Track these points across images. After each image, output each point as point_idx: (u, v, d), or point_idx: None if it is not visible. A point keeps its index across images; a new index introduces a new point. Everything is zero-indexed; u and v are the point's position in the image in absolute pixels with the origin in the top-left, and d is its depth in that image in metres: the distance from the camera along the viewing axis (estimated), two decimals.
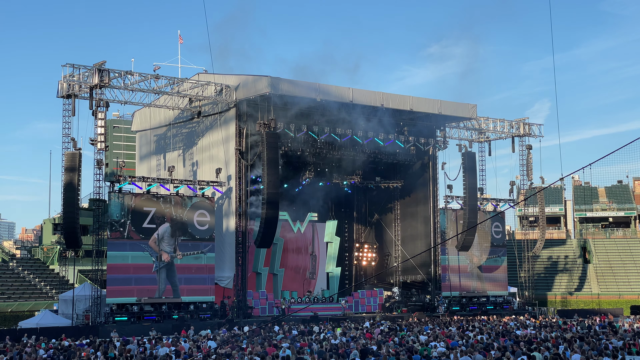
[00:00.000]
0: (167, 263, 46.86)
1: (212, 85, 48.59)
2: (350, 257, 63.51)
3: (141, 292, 45.80)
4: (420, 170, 58.73)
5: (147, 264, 46.29)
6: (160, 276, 46.66)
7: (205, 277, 48.03)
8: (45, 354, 27.30)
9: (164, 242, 46.98)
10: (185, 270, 47.40)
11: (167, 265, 46.90)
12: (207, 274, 48.15)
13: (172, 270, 47.07)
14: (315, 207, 58.86)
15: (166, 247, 47.01)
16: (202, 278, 47.95)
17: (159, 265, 46.63)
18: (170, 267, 47.02)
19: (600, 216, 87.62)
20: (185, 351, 26.99)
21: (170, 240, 47.26)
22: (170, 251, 47.10)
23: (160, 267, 46.63)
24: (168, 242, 47.11)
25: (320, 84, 49.05)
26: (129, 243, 45.62)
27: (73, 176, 43.49)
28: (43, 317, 45.17)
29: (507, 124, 61.16)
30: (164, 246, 46.93)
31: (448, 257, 57.55)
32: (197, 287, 47.71)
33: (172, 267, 47.07)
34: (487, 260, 59.66)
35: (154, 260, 46.50)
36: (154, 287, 46.38)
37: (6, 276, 58.46)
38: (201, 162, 51.25)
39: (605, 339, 28.86)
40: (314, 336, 33.66)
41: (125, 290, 45.19)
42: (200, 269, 47.92)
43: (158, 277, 46.56)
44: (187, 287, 47.34)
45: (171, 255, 47.04)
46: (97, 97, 43.66)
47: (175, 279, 47.17)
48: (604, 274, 73.04)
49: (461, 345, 27.28)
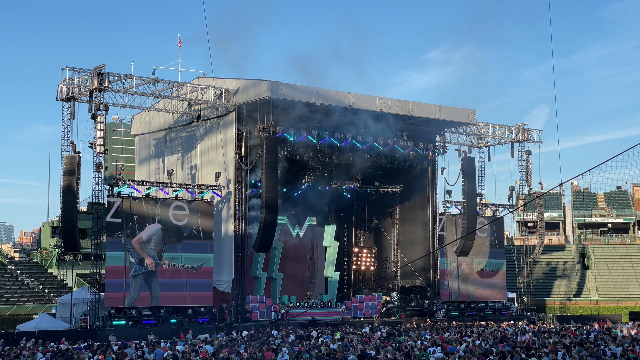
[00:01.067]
0: (147, 271, 45.78)
1: (211, 89, 48.58)
2: (349, 261, 63.47)
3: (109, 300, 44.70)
4: (419, 175, 58.73)
5: (119, 266, 44.94)
6: (136, 282, 45.34)
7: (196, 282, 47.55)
8: (43, 358, 27.23)
9: (150, 245, 46.21)
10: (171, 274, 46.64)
11: (146, 272, 45.81)
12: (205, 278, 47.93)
13: (151, 277, 45.98)
14: (314, 211, 58.91)
15: (151, 250, 46.21)
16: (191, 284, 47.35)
17: (138, 271, 45.53)
18: (149, 275, 45.90)
19: (599, 222, 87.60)
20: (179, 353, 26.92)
21: (158, 243, 46.38)
22: (154, 256, 46.12)
23: (137, 273, 45.49)
24: (155, 246, 46.23)
25: (320, 88, 49.08)
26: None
27: (72, 179, 43.46)
28: (41, 320, 45.09)
29: (506, 130, 61.17)
30: (149, 249, 46.15)
31: (447, 262, 57.50)
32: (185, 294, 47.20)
33: (153, 274, 45.97)
34: (485, 266, 59.59)
35: (132, 261, 45.33)
36: (119, 294, 44.53)
37: (4, 279, 58.40)
38: (200, 166, 51.22)
39: (603, 345, 28.81)
40: (312, 341, 33.61)
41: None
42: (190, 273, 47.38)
43: (132, 283, 45.20)
44: (170, 294, 46.35)
45: (155, 262, 46.05)
46: (96, 100, 43.64)
47: (156, 285, 45.97)
48: (602, 280, 73.01)
49: (459, 351, 27.23)
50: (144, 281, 45.84)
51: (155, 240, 46.53)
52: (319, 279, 59.74)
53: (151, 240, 46.36)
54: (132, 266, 45.50)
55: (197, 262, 47.45)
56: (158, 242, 46.56)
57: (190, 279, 47.32)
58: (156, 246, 46.46)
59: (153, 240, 46.48)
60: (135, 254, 45.62)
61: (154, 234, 46.36)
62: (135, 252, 45.62)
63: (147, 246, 46.17)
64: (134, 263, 45.48)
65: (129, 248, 45.41)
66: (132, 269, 45.41)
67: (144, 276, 45.91)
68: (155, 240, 46.53)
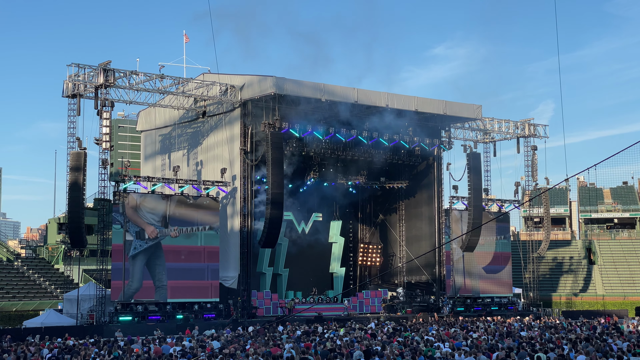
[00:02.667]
0: (151, 244, 44.06)
1: (217, 85, 48.60)
2: (355, 257, 63.46)
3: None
4: (425, 171, 58.69)
5: (118, 244, 43.65)
6: (135, 266, 44.03)
7: (202, 268, 47.19)
8: (49, 354, 27.31)
9: (147, 208, 44.23)
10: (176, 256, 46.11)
11: (148, 249, 44.09)
12: (206, 262, 47.36)
13: (156, 256, 44.99)
14: (319, 207, 58.91)
15: (149, 215, 44.35)
16: (198, 269, 47.07)
17: (137, 248, 43.73)
18: (154, 251, 44.77)
19: (606, 217, 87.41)
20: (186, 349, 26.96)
21: (159, 204, 44.34)
22: (156, 222, 44.35)
23: (137, 252, 43.93)
24: (153, 208, 44.24)
25: (325, 84, 49.05)
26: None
27: (78, 176, 43.53)
28: (47, 316, 45.20)
29: (512, 125, 61.06)
30: (145, 214, 44.19)
31: (453, 258, 57.47)
32: (191, 284, 46.75)
33: (158, 251, 44.90)
34: (491, 261, 59.51)
35: (131, 238, 43.49)
36: (118, 283, 43.55)
37: (11, 275, 58.55)
38: (206, 162, 51.25)
39: (610, 340, 28.78)
40: (318, 336, 33.63)
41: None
42: (195, 254, 46.97)
43: (132, 268, 43.89)
44: (179, 283, 46.07)
45: (159, 231, 44.38)
46: (102, 96, 43.70)
47: (161, 269, 44.98)
48: (608, 275, 72.89)
49: (465, 346, 27.22)
50: (146, 265, 44.85)
51: (153, 201, 44.82)
52: (325, 274, 59.77)
53: (146, 201, 44.81)
54: (131, 244, 44.29)
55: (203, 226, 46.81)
56: (159, 202, 44.85)
57: (197, 263, 46.81)
58: (155, 208, 45.14)
59: (150, 201, 44.79)
60: (132, 226, 44.28)
61: (148, 195, 44.82)
62: (131, 224, 44.14)
63: (143, 211, 44.94)
64: (131, 240, 44.20)
65: (127, 220, 43.71)
66: (130, 248, 44.14)
67: (145, 257, 44.74)
68: (153, 201, 44.82)
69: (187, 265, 46.65)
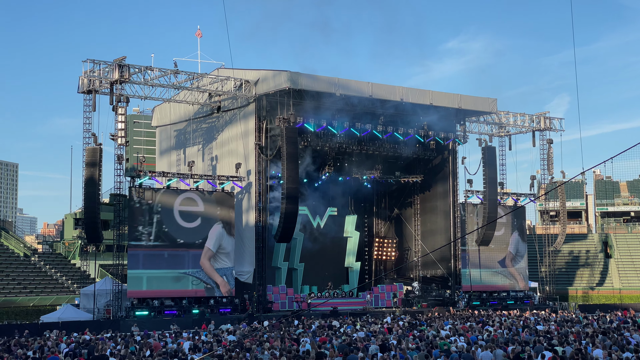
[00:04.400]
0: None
1: (231, 80, 48.65)
2: (370, 251, 63.43)
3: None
4: (440, 165, 58.56)
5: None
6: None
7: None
8: (66, 348, 27.47)
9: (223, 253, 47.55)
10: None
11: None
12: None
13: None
14: (335, 201, 58.89)
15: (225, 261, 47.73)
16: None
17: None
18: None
19: (622, 210, 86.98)
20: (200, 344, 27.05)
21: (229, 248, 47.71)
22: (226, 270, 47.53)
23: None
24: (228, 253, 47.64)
25: (339, 78, 49.00)
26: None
27: (94, 171, 43.72)
28: (65, 311, 45.49)
29: (527, 118, 60.78)
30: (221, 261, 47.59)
31: (468, 252, 57.30)
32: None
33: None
34: (507, 255, 59.30)
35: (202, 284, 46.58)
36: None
37: (28, 271, 58.92)
38: (221, 157, 51.35)
39: (627, 334, 28.61)
40: (334, 330, 33.65)
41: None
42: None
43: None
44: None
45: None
46: (117, 92, 43.83)
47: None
48: (625, 268, 72.51)
49: (481, 340, 27.17)
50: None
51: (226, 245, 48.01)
52: (340, 269, 59.78)
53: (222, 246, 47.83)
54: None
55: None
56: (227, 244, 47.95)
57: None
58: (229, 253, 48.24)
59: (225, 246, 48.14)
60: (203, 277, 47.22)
61: (220, 237, 47.68)
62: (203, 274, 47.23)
63: (219, 258, 47.99)
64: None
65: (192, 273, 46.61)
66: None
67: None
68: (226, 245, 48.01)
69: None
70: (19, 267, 58.68)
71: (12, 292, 54.90)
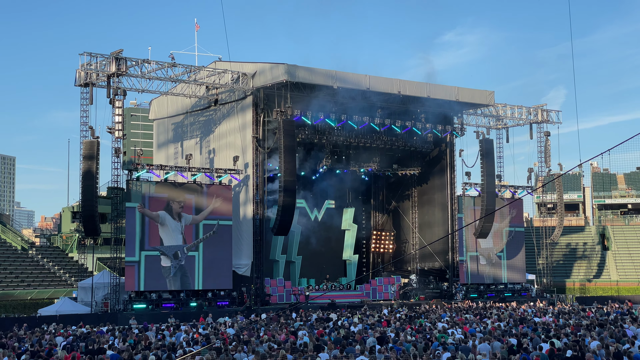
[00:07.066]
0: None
1: (228, 73, 48.57)
2: (368, 244, 63.47)
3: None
4: (437, 158, 58.58)
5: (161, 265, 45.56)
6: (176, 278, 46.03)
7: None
8: (64, 341, 27.46)
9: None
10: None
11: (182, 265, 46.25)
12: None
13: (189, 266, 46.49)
14: (332, 194, 58.89)
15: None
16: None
17: (175, 267, 45.93)
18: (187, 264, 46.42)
19: (619, 203, 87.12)
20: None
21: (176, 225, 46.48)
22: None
23: (177, 269, 46.02)
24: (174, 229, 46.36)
25: (337, 71, 48.98)
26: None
27: (91, 164, 43.66)
28: (62, 304, 45.47)
29: (524, 111, 60.75)
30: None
31: (465, 244, 57.32)
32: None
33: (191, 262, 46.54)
34: (504, 248, 59.36)
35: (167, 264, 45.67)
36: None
37: (26, 264, 58.91)
38: (218, 150, 51.32)
39: (626, 325, 28.66)
40: (332, 323, 33.69)
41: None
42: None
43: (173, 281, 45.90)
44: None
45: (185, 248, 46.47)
46: (114, 85, 43.74)
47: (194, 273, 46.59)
48: (622, 261, 72.66)
49: (478, 332, 27.21)
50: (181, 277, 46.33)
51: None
52: (338, 261, 59.83)
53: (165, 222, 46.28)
54: (169, 270, 45.80)
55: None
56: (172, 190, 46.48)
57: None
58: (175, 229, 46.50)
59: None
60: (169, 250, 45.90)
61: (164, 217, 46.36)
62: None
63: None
64: (168, 266, 45.78)
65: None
66: (171, 271, 45.77)
67: (181, 271, 46.31)
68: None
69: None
70: (16, 261, 58.67)
71: (9, 286, 54.91)
